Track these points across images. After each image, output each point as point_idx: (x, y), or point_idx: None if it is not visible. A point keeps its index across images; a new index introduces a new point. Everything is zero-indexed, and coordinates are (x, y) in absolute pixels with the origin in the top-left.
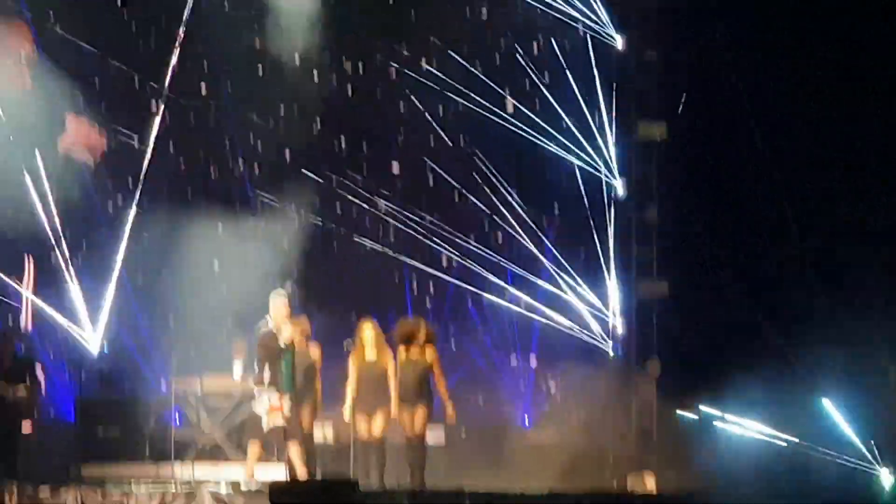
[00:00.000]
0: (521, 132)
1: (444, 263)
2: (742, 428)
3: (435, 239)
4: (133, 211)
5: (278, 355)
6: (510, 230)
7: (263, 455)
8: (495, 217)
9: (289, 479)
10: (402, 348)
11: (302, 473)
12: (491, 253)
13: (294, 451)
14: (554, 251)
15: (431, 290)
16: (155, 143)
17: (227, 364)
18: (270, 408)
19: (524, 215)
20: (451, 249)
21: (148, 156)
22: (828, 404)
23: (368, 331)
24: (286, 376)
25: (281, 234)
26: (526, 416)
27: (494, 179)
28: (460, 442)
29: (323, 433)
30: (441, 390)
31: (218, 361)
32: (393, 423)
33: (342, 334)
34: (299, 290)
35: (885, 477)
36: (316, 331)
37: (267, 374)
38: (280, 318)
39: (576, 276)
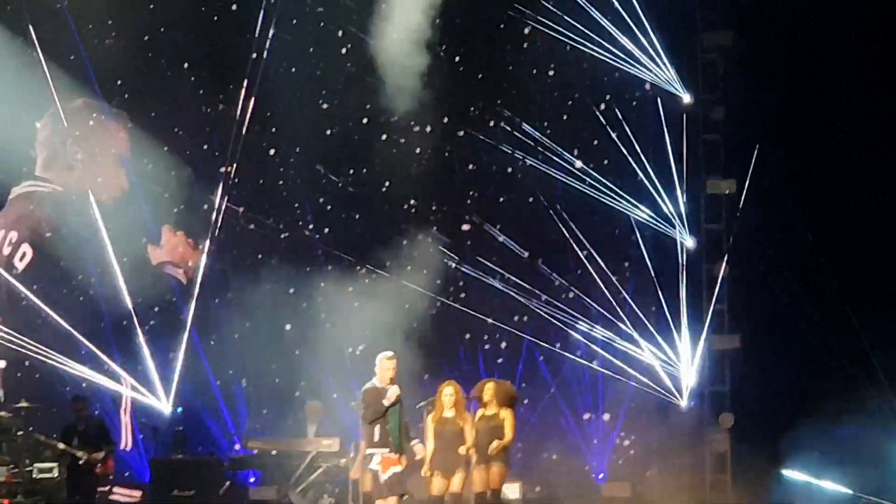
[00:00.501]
0: (593, 191)
1: (518, 320)
2: (817, 484)
3: (512, 297)
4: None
5: (384, 414)
6: (585, 287)
7: None
8: (572, 275)
9: None
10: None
11: None
12: (566, 309)
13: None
14: (627, 307)
15: (504, 348)
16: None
17: (301, 427)
18: (384, 459)
19: (597, 273)
20: (528, 306)
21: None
22: None
23: (448, 389)
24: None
25: (358, 296)
26: (600, 472)
27: (569, 237)
28: (535, 498)
29: None
30: (501, 444)
31: (293, 424)
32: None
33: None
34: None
35: None
36: None
37: (377, 433)
38: (386, 378)
39: (648, 332)
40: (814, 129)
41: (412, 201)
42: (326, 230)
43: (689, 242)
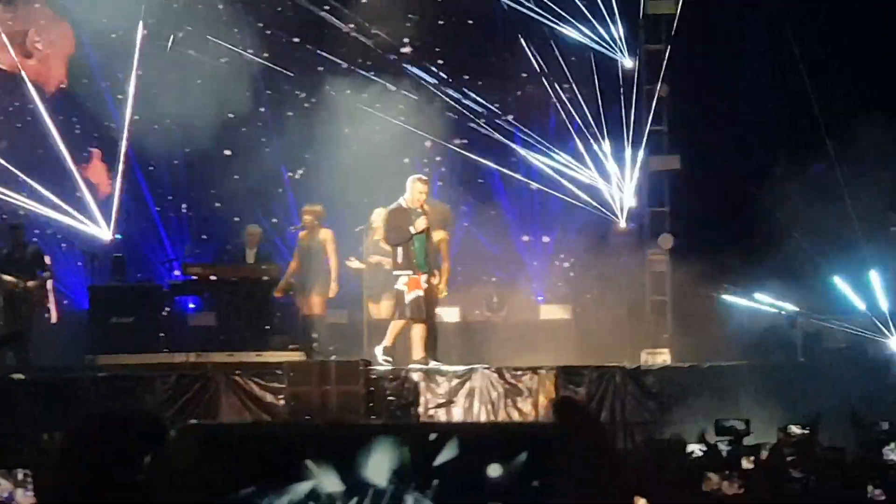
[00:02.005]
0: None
1: (457, 141)
2: (755, 301)
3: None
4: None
5: (409, 240)
6: (526, 108)
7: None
8: (513, 96)
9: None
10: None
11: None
12: (507, 130)
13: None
14: (567, 128)
15: (444, 170)
16: None
17: (240, 252)
18: (410, 280)
19: (537, 94)
20: (469, 127)
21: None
22: (838, 280)
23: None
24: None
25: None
26: (539, 294)
27: (510, 58)
28: (475, 320)
29: None
30: (442, 270)
31: (232, 250)
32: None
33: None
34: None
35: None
36: None
37: (400, 254)
38: (417, 201)
39: (589, 152)
40: None
41: (351, 25)
42: (265, 55)
43: (628, 63)
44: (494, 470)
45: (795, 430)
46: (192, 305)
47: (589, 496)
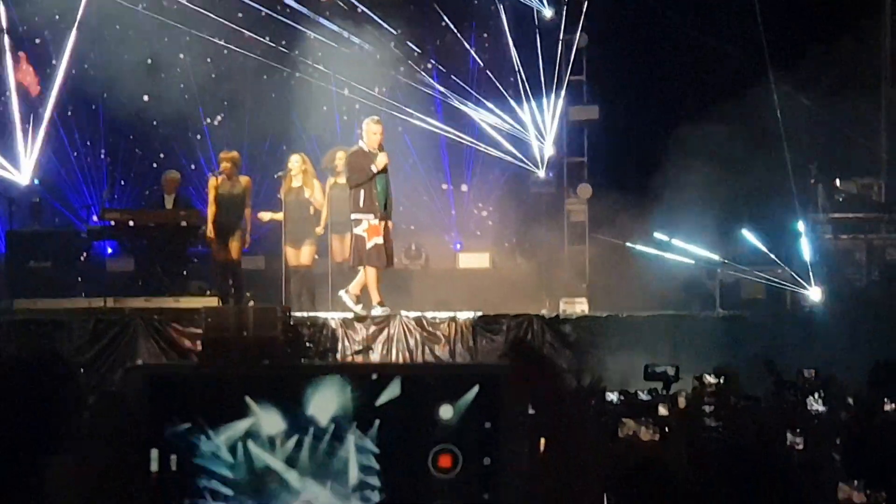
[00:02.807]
0: None
1: (377, 90)
2: (673, 252)
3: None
4: None
5: (371, 179)
6: (445, 57)
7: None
8: (432, 45)
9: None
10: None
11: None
12: (426, 78)
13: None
14: (487, 77)
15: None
16: None
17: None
18: (371, 227)
19: (455, 43)
20: (387, 77)
21: None
22: (746, 233)
23: (294, 158)
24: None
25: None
26: (457, 243)
27: (426, 8)
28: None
29: None
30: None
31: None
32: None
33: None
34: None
35: (814, 294)
36: None
37: (362, 198)
38: (374, 142)
39: (507, 102)
40: None
41: None
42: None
43: (547, 12)
44: (445, 411)
45: (710, 379)
46: (109, 251)
47: (539, 439)
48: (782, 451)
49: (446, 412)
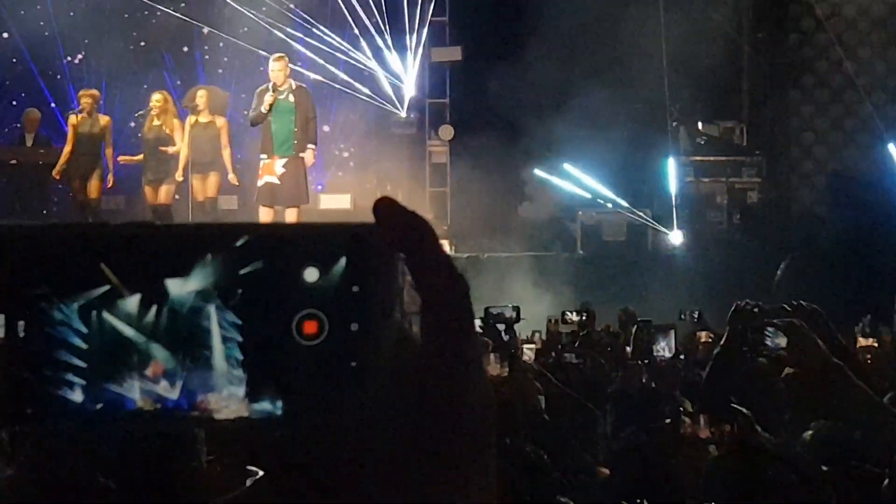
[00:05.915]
0: None
1: (240, 30)
2: (536, 190)
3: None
4: None
5: (265, 117)
6: None
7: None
8: None
9: None
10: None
11: None
12: (290, 18)
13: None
14: (348, 18)
15: (227, 59)
16: None
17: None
18: (264, 166)
19: None
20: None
21: None
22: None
23: (156, 96)
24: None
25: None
26: (318, 184)
27: None
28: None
29: None
30: (225, 158)
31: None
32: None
33: None
34: None
35: (675, 237)
36: None
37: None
38: (277, 80)
39: (369, 42)
40: None
41: None
42: None
43: None
44: (311, 275)
45: (572, 316)
46: None
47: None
48: (637, 384)
49: (311, 275)
